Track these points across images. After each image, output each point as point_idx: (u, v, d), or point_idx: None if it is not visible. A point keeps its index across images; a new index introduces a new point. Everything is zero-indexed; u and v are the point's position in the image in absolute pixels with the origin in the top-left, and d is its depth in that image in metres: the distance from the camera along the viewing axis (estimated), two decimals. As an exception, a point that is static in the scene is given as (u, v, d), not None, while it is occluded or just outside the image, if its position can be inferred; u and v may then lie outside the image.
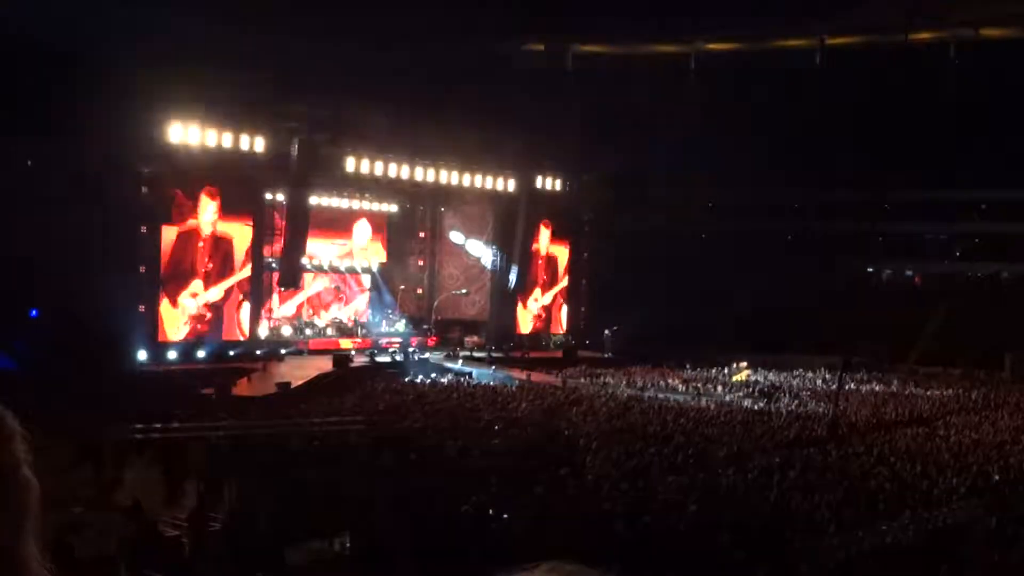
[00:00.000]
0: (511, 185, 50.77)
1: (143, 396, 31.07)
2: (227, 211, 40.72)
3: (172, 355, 38.51)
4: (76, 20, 36.05)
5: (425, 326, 50.23)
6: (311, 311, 48.41)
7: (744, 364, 38.65)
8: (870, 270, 61.27)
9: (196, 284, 39.84)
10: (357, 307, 50.45)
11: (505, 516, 17.90)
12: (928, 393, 39.82)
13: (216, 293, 40.44)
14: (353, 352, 43.36)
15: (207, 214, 40.06)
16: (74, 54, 35.54)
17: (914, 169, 52.54)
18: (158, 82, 36.27)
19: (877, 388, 41.37)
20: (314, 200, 44.76)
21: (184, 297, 39.44)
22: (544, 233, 53.94)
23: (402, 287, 51.80)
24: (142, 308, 38.09)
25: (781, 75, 57.50)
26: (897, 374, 46.60)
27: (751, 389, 38.18)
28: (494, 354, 47.01)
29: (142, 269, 38.08)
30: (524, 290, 52.56)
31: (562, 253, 55.48)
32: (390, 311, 50.54)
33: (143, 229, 38.06)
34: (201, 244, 39.92)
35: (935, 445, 27.73)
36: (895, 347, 50.78)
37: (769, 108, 56.95)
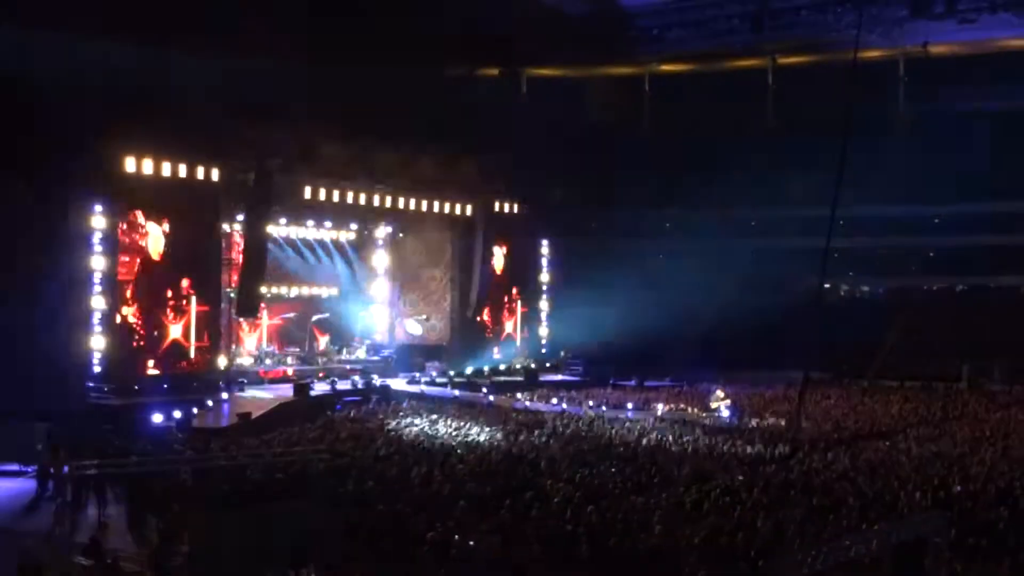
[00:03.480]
0: (469, 209, 50.90)
1: (101, 430, 30.69)
2: (182, 241, 40.18)
3: (131, 387, 37.85)
4: (27, 52, 35.79)
5: (386, 352, 50.02)
6: (270, 340, 47.97)
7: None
8: (827, 285, 61.68)
9: (152, 313, 39.38)
10: (317, 335, 50.04)
11: (471, 542, 17.84)
12: (888, 407, 40.16)
13: (176, 323, 40.01)
14: (314, 381, 43.07)
15: (162, 244, 39.53)
16: (23, 84, 35.19)
17: (869, 185, 53.03)
18: (110, 113, 35.92)
19: (838, 403, 41.65)
20: (271, 228, 44.44)
21: (141, 327, 38.96)
22: (502, 257, 53.92)
23: (363, 314, 51.56)
24: (98, 339, 37.55)
25: (735, 93, 58.08)
26: (857, 388, 47.00)
27: (715, 408, 38.32)
28: (456, 379, 46.89)
29: (99, 300, 37.55)
30: (483, 314, 52.54)
31: (521, 277, 55.50)
32: (351, 338, 50.31)
33: (97, 262, 37.51)
34: (157, 274, 39.42)
35: (896, 458, 27.97)
36: (854, 361, 51.25)
37: (725, 125, 57.47)
